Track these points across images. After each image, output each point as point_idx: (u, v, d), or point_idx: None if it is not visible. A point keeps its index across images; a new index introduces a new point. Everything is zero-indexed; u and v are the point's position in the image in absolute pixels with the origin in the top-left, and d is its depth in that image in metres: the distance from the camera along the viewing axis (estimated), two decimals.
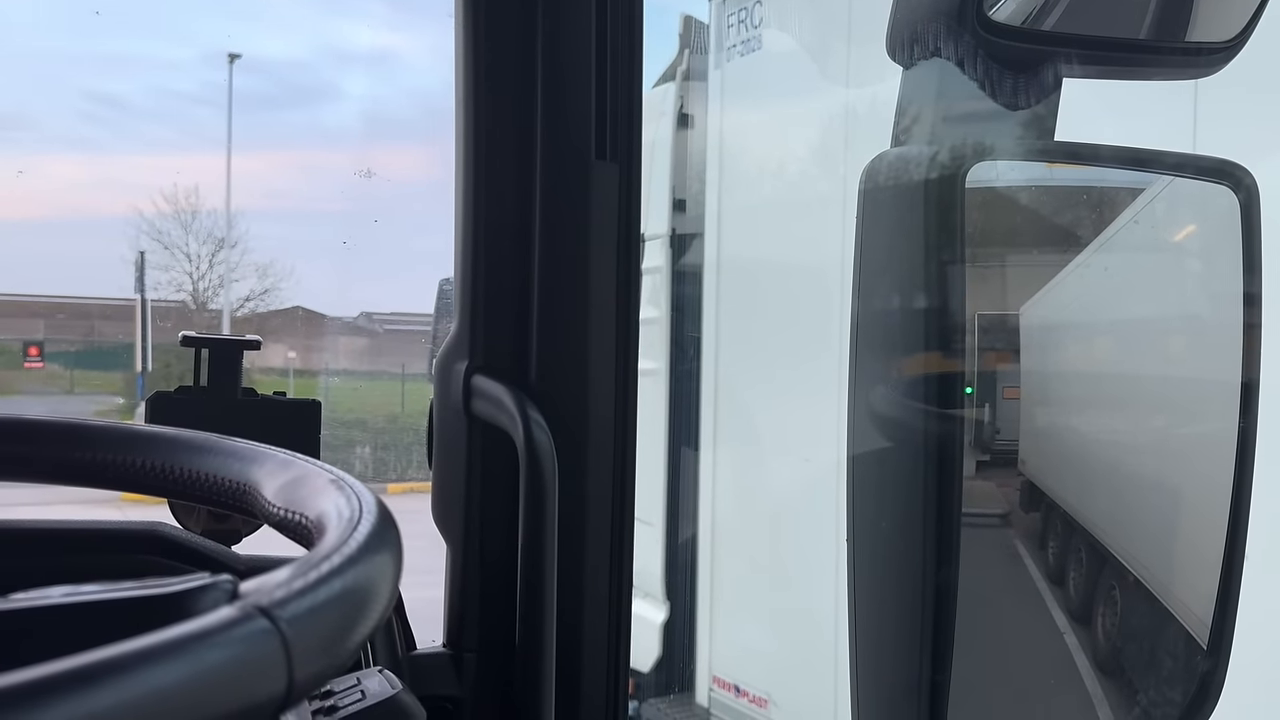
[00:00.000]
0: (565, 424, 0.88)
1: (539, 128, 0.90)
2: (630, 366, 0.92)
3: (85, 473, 0.72)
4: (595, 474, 0.91)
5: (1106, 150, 1.00)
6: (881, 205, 0.97)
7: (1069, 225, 1.62)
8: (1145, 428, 1.61)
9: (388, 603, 0.51)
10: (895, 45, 0.94)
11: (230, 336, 0.96)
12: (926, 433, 0.98)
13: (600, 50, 0.90)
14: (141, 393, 13.31)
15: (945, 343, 1.01)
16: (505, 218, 0.91)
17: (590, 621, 0.91)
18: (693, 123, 4.90)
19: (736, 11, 4.36)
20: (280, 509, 0.62)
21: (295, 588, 0.43)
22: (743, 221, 4.58)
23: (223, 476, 0.68)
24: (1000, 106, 0.91)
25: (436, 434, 0.96)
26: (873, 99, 3.43)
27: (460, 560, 0.93)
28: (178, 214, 19.24)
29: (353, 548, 0.49)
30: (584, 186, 0.90)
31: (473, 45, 0.91)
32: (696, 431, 4.81)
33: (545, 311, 0.91)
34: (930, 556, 0.99)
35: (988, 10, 0.90)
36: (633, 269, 0.92)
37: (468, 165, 0.92)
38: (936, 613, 0.97)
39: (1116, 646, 1.85)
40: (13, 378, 19.94)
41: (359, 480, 0.61)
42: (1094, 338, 1.79)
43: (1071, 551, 1.90)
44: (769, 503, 4.54)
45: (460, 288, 0.94)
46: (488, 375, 0.91)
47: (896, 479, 1.01)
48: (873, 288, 1.01)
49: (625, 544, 0.93)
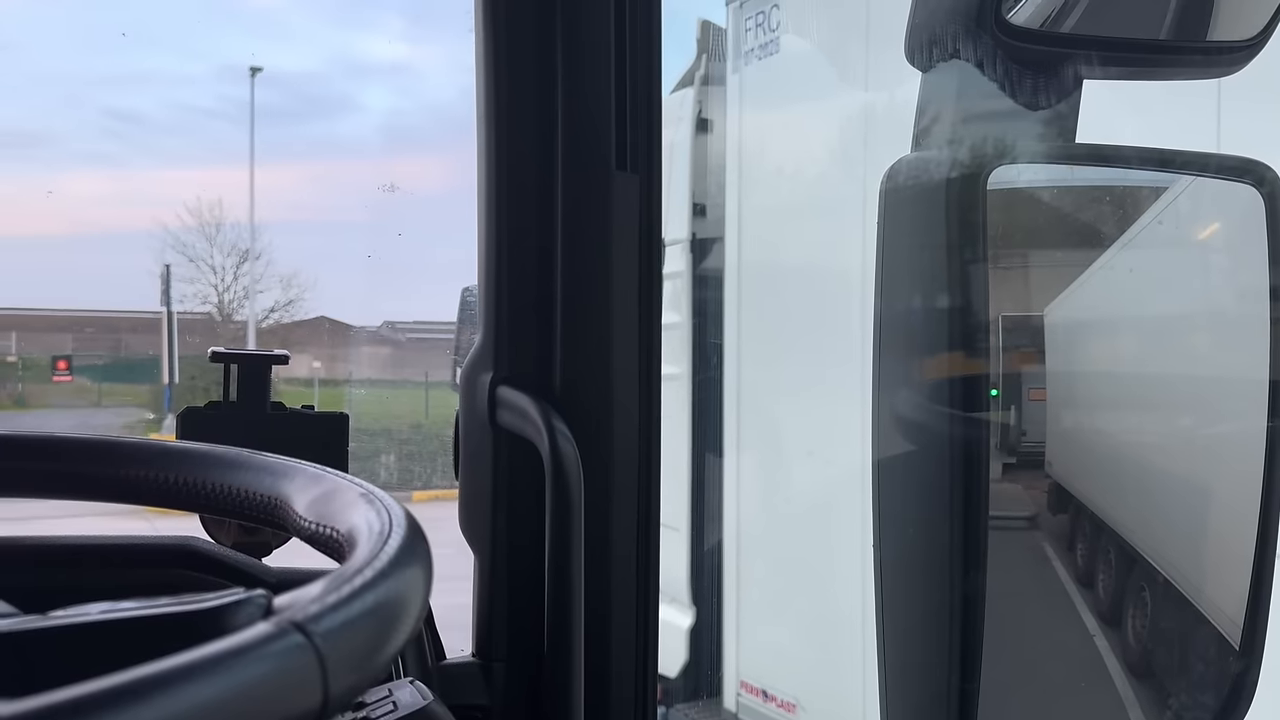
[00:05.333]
0: (590, 434, 0.89)
1: (560, 138, 0.91)
2: (654, 377, 0.93)
3: (121, 489, 0.73)
4: (620, 484, 0.91)
5: (1128, 151, 0.99)
6: (902, 209, 0.97)
7: (1092, 225, 1.61)
8: (1173, 427, 1.59)
9: (419, 615, 0.52)
10: (914, 49, 0.94)
11: (259, 351, 0.97)
12: (951, 437, 0.98)
13: (620, 61, 0.90)
14: (169, 405, 13.44)
15: (969, 345, 1.01)
16: (527, 228, 0.92)
17: (618, 630, 0.91)
18: (711, 127, 4.90)
19: (754, 15, 4.36)
20: (311, 523, 0.63)
21: (329, 603, 0.44)
22: (763, 224, 4.57)
23: (254, 491, 0.69)
24: (1020, 108, 0.91)
25: (463, 444, 0.96)
26: (891, 101, 3.42)
27: (488, 570, 0.94)
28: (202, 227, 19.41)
29: (383, 562, 0.49)
30: (605, 197, 0.91)
31: (493, 58, 0.92)
32: (720, 436, 4.81)
33: (568, 322, 0.91)
34: (957, 563, 0.99)
35: (1006, 13, 0.90)
36: (654, 279, 0.92)
37: (489, 176, 0.93)
38: (964, 620, 0.97)
39: (1147, 649, 1.83)
40: (42, 391, 20.18)
41: (386, 490, 0.62)
42: (1119, 338, 1.78)
43: (1100, 553, 1.88)
44: (794, 506, 4.52)
45: (484, 299, 0.95)
46: (513, 386, 0.91)
47: (921, 484, 1.01)
48: (895, 291, 1.01)
49: (651, 553, 0.93)
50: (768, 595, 4.65)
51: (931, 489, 0.95)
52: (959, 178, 0.92)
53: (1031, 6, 0.93)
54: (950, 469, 0.96)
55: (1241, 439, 1.42)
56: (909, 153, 0.95)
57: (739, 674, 4.74)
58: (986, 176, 0.93)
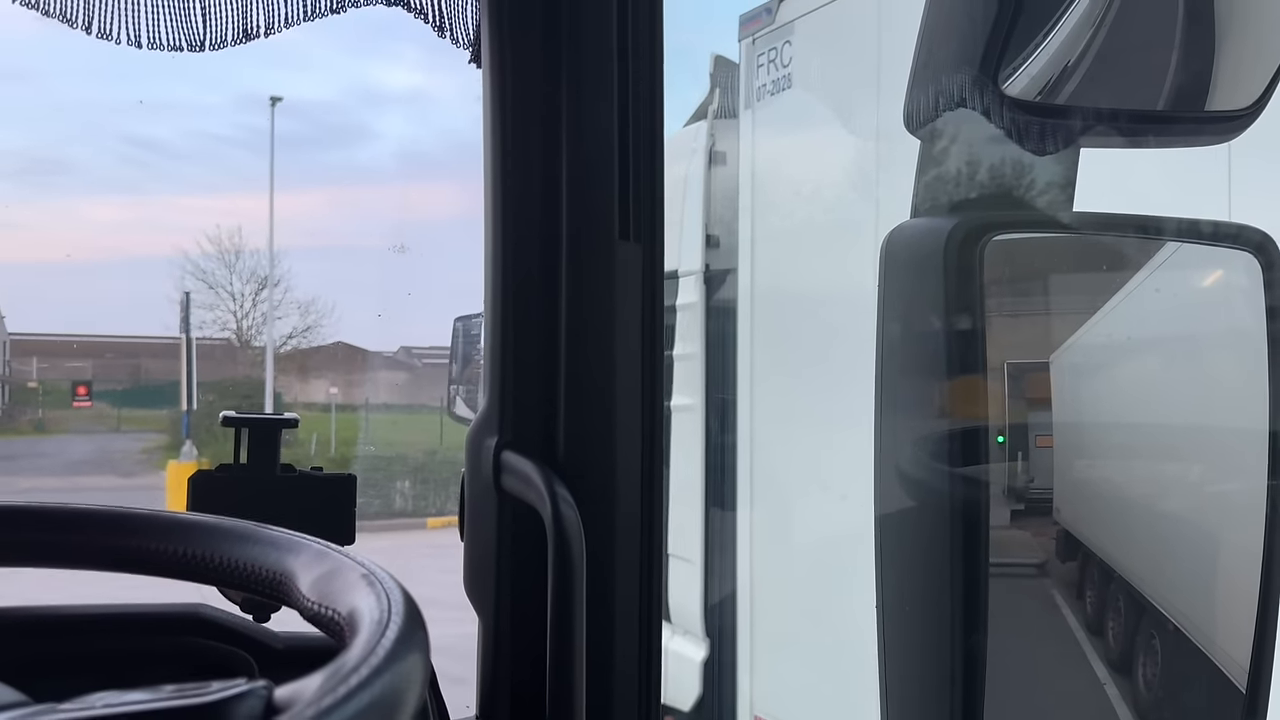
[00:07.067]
0: (593, 501, 0.90)
1: (564, 209, 0.93)
2: (656, 444, 0.94)
3: (132, 560, 0.75)
4: (623, 550, 0.92)
5: (1124, 219, 1.00)
6: (903, 274, 0.99)
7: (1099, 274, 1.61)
8: (1182, 475, 1.59)
9: (417, 704, 0.53)
10: (913, 119, 0.95)
11: (269, 415, 0.99)
12: (952, 498, 0.99)
13: (623, 134, 0.93)
14: (187, 430, 13.53)
15: (967, 405, 1.02)
16: (532, 296, 0.94)
17: (620, 695, 0.92)
18: (724, 160, 4.93)
19: (766, 51, 4.40)
20: (314, 603, 0.64)
21: (325, 706, 0.45)
22: (776, 256, 4.59)
23: (261, 566, 0.71)
24: (1017, 177, 0.92)
25: (468, 507, 0.98)
26: (903, 137, 3.45)
27: (492, 632, 0.95)
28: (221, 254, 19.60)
29: (380, 656, 0.51)
30: (609, 266, 0.93)
31: (499, 129, 0.94)
32: (734, 466, 4.80)
33: (572, 389, 0.93)
34: (959, 617, 0.99)
35: (1003, 85, 0.91)
36: (656, 347, 0.94)
37: (494, 243, 0.95)
38: (966, 681, 0.98)
39: (1158, 697, 1.82)
40: (62, 417, 20.34)
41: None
42: (1128, 385, 1.78)
43: (1110, 600, 1.88)
44: (808, 537, 4.51)
45: (489, 364, 0.96)
46: (517, 451, 0.93)
47: (923, 546, 1.02)
48: (895, 354, 1.03)
49: (654, 617, 0.94)
50: (782, 627, 4.63)
51: (931, 558, 0.96)
52: (956, 245, 0.93)
53: (1027, 77, 0.95)
54: (950, 535, 0.97)
55: (1250, 488, 1.42)
56: (909, 218, 0.96)
57: (753, 707, 4.72)
58: (985, 244, 0.95)
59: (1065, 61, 1.00)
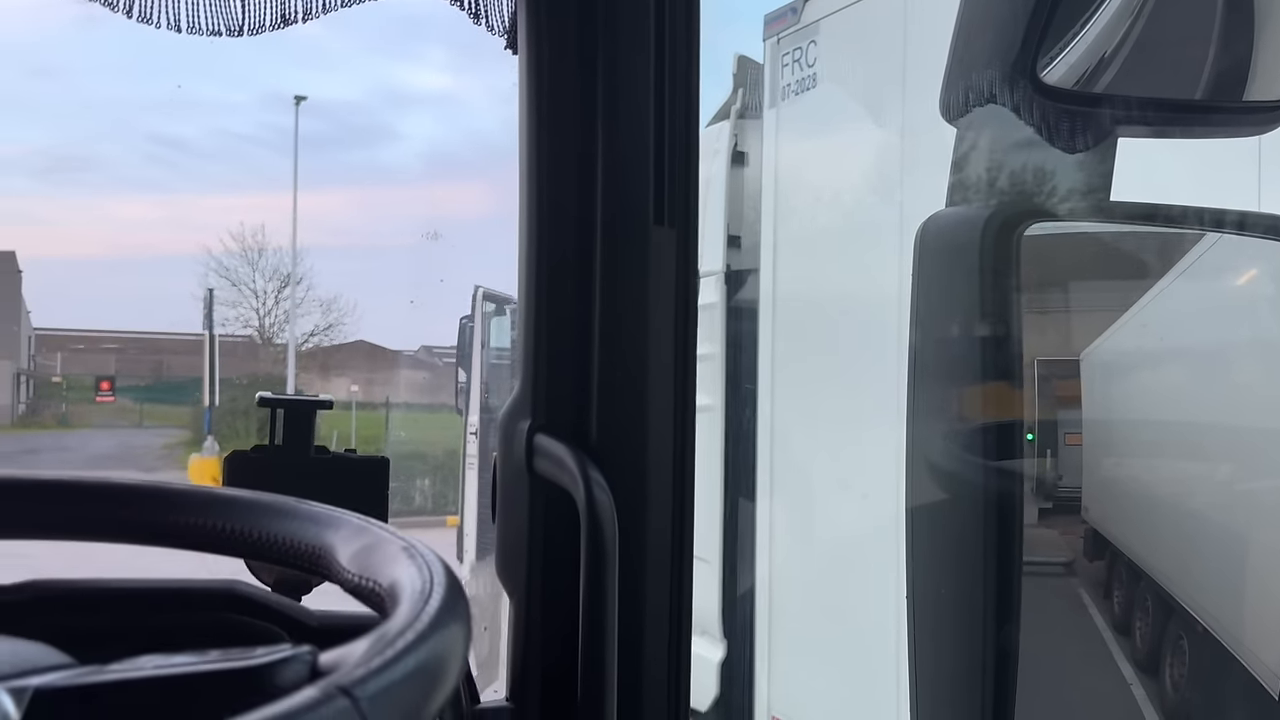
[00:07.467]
0: (625, 483, 0.90)
1: (599, 194, 0.93)
2: (688, 428, 0.94)
3: (172, 535, 0.75)
4: (655, 533, 0.92)
5: (1162, 209, 1.00)
6: (937, 265, 0.98)
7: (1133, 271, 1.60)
8: (1213, 474, 1.58)
9: (459, 673, 0.53)
10: (949, 106, 0.95)
11: (304, 397, 1.00)
12: (986, 488, 0.98)
13: (659, 119, 0.93)
14: (209, 427, 13.62)
15: (1002, 398, 1.02)
16: (566, 280, 0.94)
17: (650, 677, 0.92)
18: (747, 160, 4.92)
19: (791, 51, 4.39)
20: (354, 575, 0.64)
21: (373, 666, 0.46)
22: (798, 256, 4.58)
23: (300, 540, 0.71)
24: (1054, 165, 0.92)
25: (500, 491, 0.98)
26: (928, 136, 3.43)
27: (523, 615, 0.95)
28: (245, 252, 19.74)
29: (425, 622, 0.51)
30: (643, 250, 0.93)
31: (535, 113, 0.95)
32: (753, 467, 4.79)
33: (605, 372, 0.93)
34: (991, 612, 0.99)
35: (1041, 73, 0.91)
36: (690, 331, 0.94)
37: (530, 227, 0.95)
38: (998, 677, 0.97)
39: (1185, 698, 1.81)
40: (85, 411, 20.54)
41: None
42: (1155, 384, 1.76)
43: (1137, 600, 1.86)
44: (827, 539, 4.50)
45: (523, 347, 0.97)
46: (549, 434, 0.93)
47: (955, 539, 1.01)
48: (928, 344, 1.02)
49: (685, 601, 0.95)
50: (800, 629, 4.62)
51: (964, 547, 0.95)
52: (993, 234, 0.93)
53: (1066, 65, 0.94)
54: (984, 525, 0.97)
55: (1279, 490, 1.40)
56: (944, 207, 0.96)
57: (770, 708, 4.71)
58: (1020, 234, 0.94)
59: (1103, 51, 1.00)
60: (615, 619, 0.87)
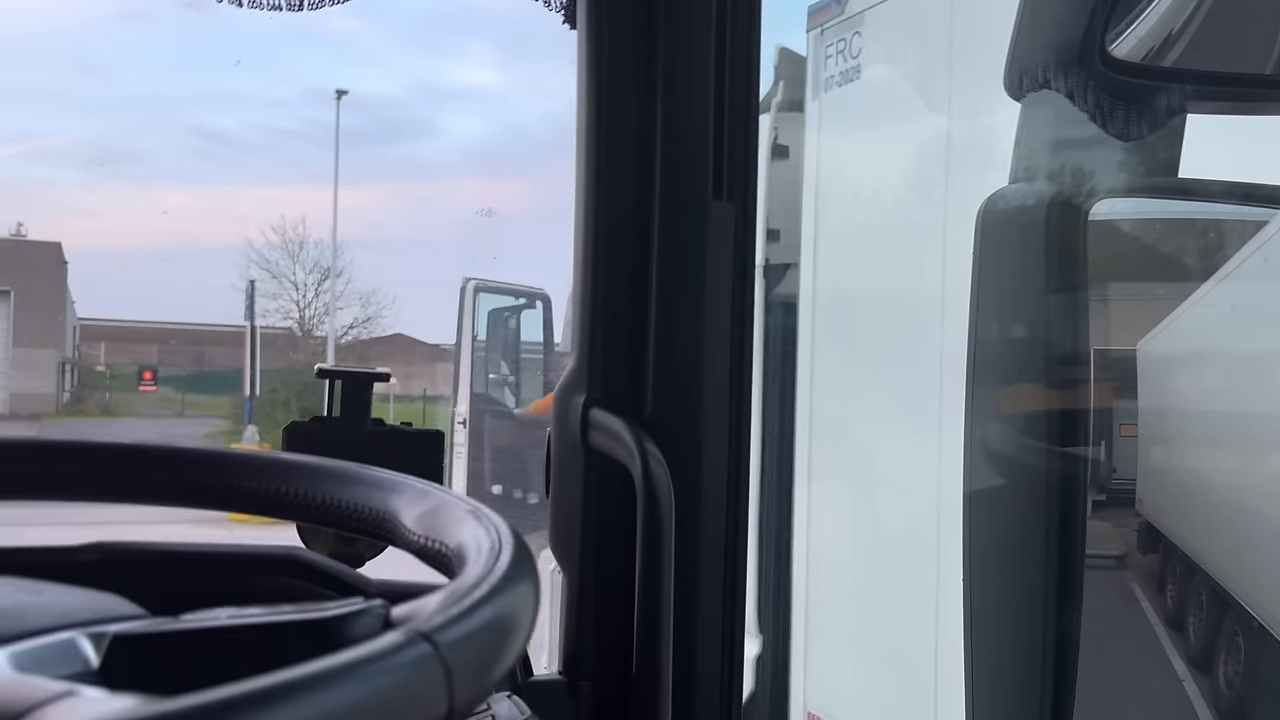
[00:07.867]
0: (681, 457, 0.90)
1: (658, 168, 0.93)
2: (745, 402, 0.93)
3: (236, 500, 0.76)
4: (710, 507, 0.92)
5: (1232, 186, 0.97)
6: (1002, 241, 0.97)
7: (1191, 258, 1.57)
8: (1270, 469, 1.54)
9: (531, 630, 0.53)
10: (1014, 80, 0.94)
11: (362, 369, 1.00)
12: (1049, 471, 0.97)
13: (719, 92, 0.92)
14: (250, 417, 13.79)
15: (1066, 378, 1.00)
16: (623, 254, 0.94)
17: (704, 653, 0.92)
18: (786, 153, 4.89)
19: (835, 43, 4.36)
20: (421, 537, 0.64)
21: (452, 614, 0.46)
22: (839, 250, 4.55)
23: (364, 505, 0.71)
24: (1123, 142, 0.90)
25: (554, 465, 0.98)
26: (975, 129, 3.39)
27: (577, 589, 0.95)
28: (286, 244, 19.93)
29: (497, 577, 0.51)
30: (701, 225, 0.92)
31: (594, 87, 0.94)
32: (791, 462, 4.77)
33: (661, 346, 0.93)
34: (1052, 600, 0.97)
35: (1110, 47, 0.89)
36: (747, 306, 0.93)
37: (587, 201, 0.95)
38: (1058, 663, 0.95)
39: (1240, 696, 1.77)
40: (128, 400, 20.86)
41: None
42: (1216, 375, 1.73)
43: (1192, 595, 1.83)
44: (865, 534, 4.47)
45: (579, 321, 0.96)
46: (605, 408, 0.93)
47: (1017, 519, 0.99)
48: (991, 322, 1.00)
49: (739, 576, 0.94)
50: (837, 625, 4.59)
51: (1026, 526, 0.94)
52: (1060, 209, 0.91)
53: (1135, 39, 0.93)
54: (1046, 505, 0.95)
55: None
56: (1008, 183, 0.94)
57: (806, 703, 4.69)
58: (1088, 209, 0.92)
59: (1171, 26, 0.97)
60: (671, 594, 0.87)
